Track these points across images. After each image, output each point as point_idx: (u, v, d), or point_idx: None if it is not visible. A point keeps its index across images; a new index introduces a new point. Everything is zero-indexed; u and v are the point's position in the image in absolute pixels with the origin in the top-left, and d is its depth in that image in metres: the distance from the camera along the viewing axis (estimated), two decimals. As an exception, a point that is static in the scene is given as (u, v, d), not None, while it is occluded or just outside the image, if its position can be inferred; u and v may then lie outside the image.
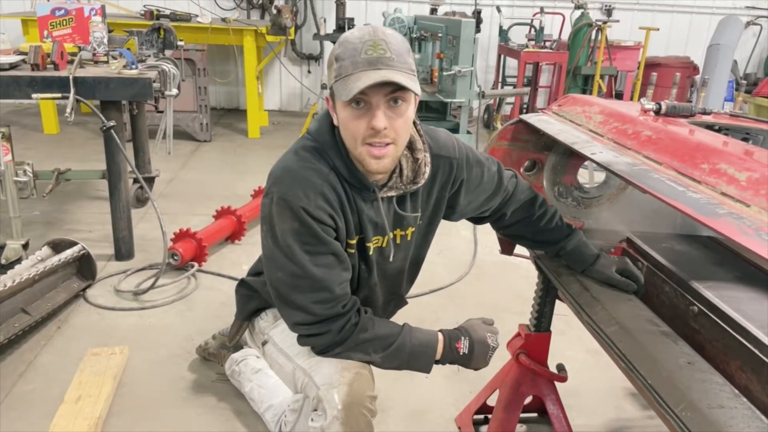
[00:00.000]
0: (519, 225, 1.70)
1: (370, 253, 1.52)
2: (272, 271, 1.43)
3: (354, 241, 1.47)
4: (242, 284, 1.74)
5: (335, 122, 1.40)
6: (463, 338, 1.52)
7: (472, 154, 1.60)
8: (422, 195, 1.55)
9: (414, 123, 1.47)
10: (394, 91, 1.30)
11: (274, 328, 1.63)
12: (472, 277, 3.22)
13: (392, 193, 1.48)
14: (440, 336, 1.53)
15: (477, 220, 1.77)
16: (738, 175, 1.04)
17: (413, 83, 1.31)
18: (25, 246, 2.95)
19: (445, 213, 1.64)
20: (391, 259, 1.56)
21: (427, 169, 1.48)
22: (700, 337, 1.32)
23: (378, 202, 1.46)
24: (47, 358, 2.32)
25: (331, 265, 1.39)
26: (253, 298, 1.69)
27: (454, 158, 1.56)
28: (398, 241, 1.56)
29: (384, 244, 1.53)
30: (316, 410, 1.47)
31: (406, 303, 1.79)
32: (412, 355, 1.47)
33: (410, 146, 1.48)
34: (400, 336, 1.47)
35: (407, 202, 1.52)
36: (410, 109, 1.36)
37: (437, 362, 1.52)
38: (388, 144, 1.34)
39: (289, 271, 1.38)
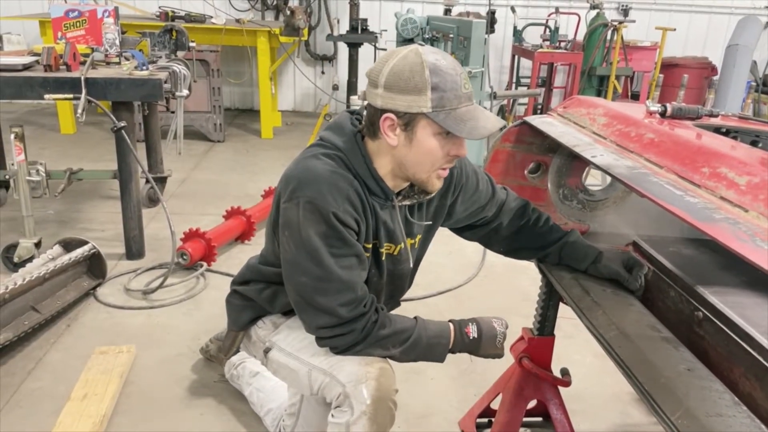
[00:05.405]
0: (517, 235, 1.72)
1: (383, 258, 1.57)
2: (295, 276, 1.44)
3: (370, 245, 1.52)
4: (234, 294, 1.73)
5: (392, 143, 1.39)
6: (471, 324, 1.57)
7: (467, 163, 1.66)
8: (425, 204, 1.59)
9: None
10: None
11: (277, 334, 1.63)
12: (480, 278, 3.20)
13: (407, 202, 1.54)
14: (451, 325, 1.56)
15: (471, 231, 1.78)
16: (738, 179, 1.02)
17: None
18: (38, 244, 2.99)
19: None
20: (411, 265, 1.62)
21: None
22: (704, 343, 1.29)
23: (395, 210, 1.52)
24: (56, 356, 2.35)
25: (354, 266, 1.43)
26: (246, 308, 1.68)
27: (453, 167, 1.58)
28: (408, 248, 1.61)
29: (395, 252, 1.58)
30: (339, 407, 1.47)
31: (399, 305, 1.81)
32: (428, 346, 1.51)
33: None
34: (416, 329, 1.50)
35: (416, 212, 1.58)
36: None
37: (450, 351, 1.55)
38: None
39: (315, 275, 1.39)
